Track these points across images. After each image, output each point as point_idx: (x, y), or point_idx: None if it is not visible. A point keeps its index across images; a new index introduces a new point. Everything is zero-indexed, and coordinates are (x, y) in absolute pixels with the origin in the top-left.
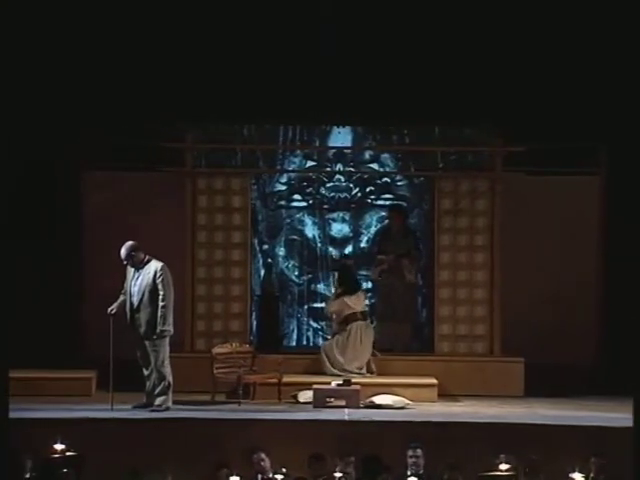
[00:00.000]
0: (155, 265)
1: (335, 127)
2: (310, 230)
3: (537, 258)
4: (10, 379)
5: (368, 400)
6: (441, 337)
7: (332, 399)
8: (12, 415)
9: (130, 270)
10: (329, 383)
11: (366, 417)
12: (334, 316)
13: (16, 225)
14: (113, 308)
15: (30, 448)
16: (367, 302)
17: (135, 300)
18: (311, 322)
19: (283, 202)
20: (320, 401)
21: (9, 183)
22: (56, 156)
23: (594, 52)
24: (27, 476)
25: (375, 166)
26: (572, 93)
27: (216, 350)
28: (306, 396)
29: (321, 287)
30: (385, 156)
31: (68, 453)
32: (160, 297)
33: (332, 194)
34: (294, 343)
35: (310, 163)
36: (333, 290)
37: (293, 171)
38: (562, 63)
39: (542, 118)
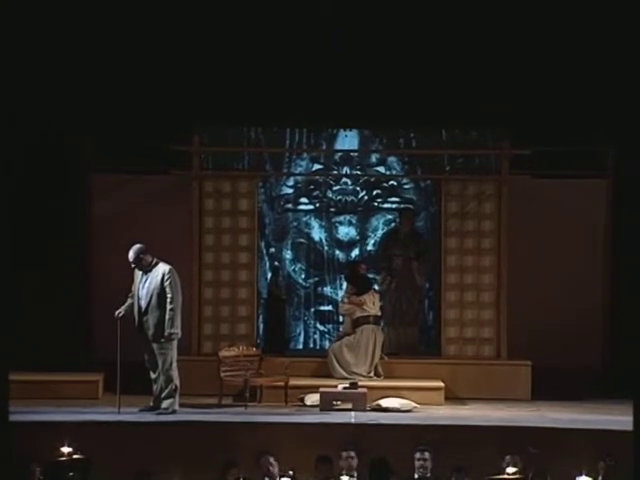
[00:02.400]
0: (163, 268)
1: (342, 130)
2: (317, 233)
3: (544, 261)
4: (17, 382)
5: (375, 403)
6: (448, 340)
7: (339, 402)
8: (19, 418)
9: (138, 273)
10: (336, 386)
11: (373, 420)
12: (345, 317)
13: (23, 228)
14: (121, 311)
15: (37, 451)
16: (380, 303)
17: (143, 303)
18: (318, 325)
19: (290, 205)
20: (327, 404)
21: (15, 185)
22: (63, 159)
23: (601, 55)
24: None
25: (382, 169)
26: (579, 96)
27: (223, 353)
28: (313, 399)
29: (328, 290)
30: (392, 159)
31: (75, 456)
32: (168, 300)
33: (339, 197)
34: (301, 346)
35: (317, 166)
36: (343, 291)
37: (300, 174)
38: (569, 66)
39: (549, 121)
